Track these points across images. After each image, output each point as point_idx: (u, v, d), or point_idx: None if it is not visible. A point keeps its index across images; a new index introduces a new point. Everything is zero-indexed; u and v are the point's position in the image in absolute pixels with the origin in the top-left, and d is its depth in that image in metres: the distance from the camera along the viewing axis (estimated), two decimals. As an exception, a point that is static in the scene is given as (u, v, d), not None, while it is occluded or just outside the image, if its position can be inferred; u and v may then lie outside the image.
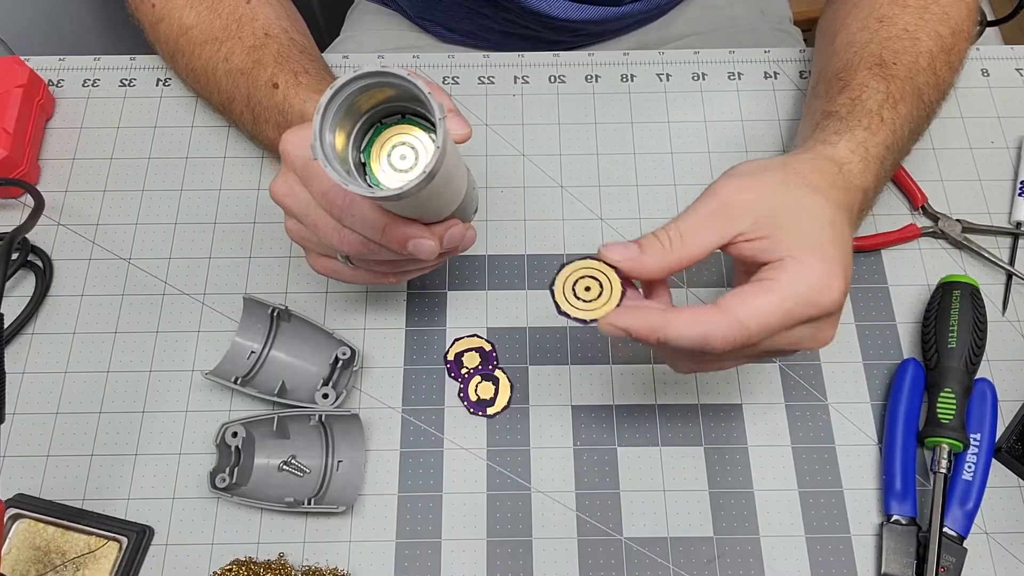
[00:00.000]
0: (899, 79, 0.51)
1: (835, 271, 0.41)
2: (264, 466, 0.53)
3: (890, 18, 0.55)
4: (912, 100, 0.51)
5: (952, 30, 0.54)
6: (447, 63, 0.67)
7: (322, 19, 1.11)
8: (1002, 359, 0.56)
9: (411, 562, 0.51)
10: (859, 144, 0.48)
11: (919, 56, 0.53)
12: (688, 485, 0.53)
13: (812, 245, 0.41)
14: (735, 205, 0.42)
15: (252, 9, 0.57)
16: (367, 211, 0.42)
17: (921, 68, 0.53)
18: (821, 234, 0.42)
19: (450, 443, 0.54)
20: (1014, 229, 0.60)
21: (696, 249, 0.42)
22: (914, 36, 0.54)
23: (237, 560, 0.50)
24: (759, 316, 0.40)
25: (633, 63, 0.67)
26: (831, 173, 0.45)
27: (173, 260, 0.59)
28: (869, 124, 0.49)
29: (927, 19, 0.54)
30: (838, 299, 0.41)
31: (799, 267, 0.41)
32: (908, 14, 0.55)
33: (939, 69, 0.53)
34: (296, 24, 0.60)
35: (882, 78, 0.52)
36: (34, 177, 0.61)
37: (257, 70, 0.55)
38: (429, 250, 0.42)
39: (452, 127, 0.42)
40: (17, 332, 0.56)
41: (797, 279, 0.41)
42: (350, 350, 0.53)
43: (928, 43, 0.53)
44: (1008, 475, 0.53)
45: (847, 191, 0.45)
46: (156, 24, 0.60)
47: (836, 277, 0.41)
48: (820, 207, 0.43)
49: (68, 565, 0.50)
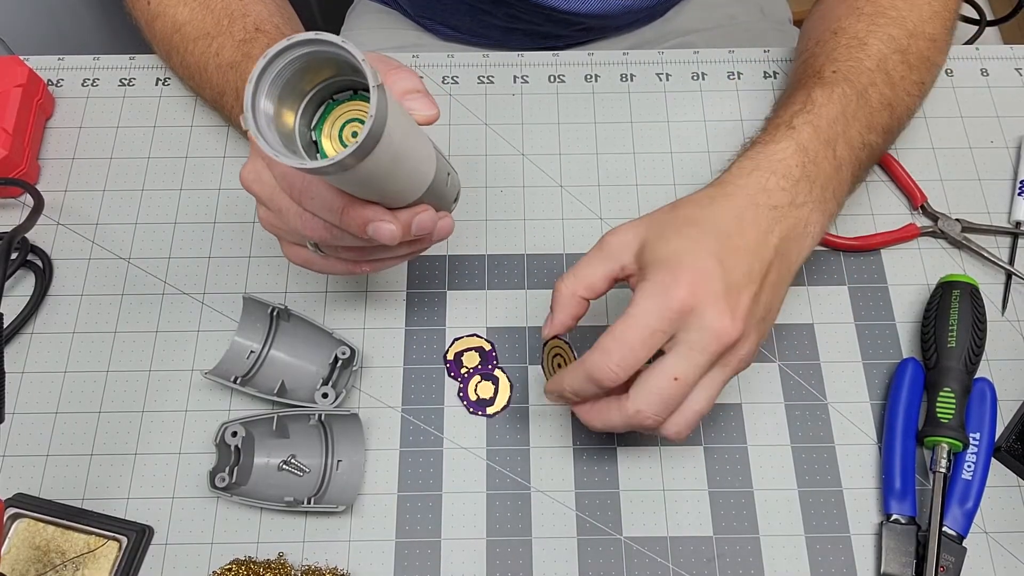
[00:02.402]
0: (830, 84, 0.51)
1: (677, 277, 0.43)
2: (264, 465, 0.53)
3: (843, 29, 0.56)
4: (849, 99, 0.51)
5: (909, 32, 0.55)
6: (447, 63, 0.67)
7: (321, 19, 1.11)
8: (1001, 359, 0.56)
9: (411, 562, 0.51)
10: (757, 154, 0.48)
11: (865, 59, 0.53)
12: (688, 485, 0.53)
13: (664, 261, 0.44)
14: (613, 244, 0.46)
15: (245, 5, 0.57)
16: (325, 193, 0.41)
17: (866, 69, 0.53)
18: (684, 247, 0.44)
19: (450, 443, 0.54)
20: (1014, 229, 0.60)
21: (585, 281, 0.46)
22: (863, 42, 0.54)
23: (237, 559, 0.50)
24: (616, 337, 0.43)
25: (633, 63, 0.67)
26: (713, 194, 0.47)
27: (173, 260, 0.59)
28: (773, 136, 0.49)
29: (880, 24, 0.55)
30: (682, 300, 0.42)
31: (645, 284, 0.43)
32: (861, 22, 0.55)
33: (892, 68, 0.53)
34: (290, 22, 0.60)
35: (808, 88, 0.52)
36: (33, 177, 0.61)
37: (246, 64, 0.55)
38: (390, 234, 0.42)
39: (417, 107, 0.41)
40: (17, 332, 0.56)
41: (642, 295, 0.43)
42: (350, 350, 0.53)
43: (878, 46, 0.54)
44: (1007, 475, 0.53)
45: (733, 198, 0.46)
46: (151, 21, 0.60)
47: (677, 282, 0.42)
48: (693, 225, 0.45)
49: (68, 565, 0.50)
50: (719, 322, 0.42)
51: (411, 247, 0.48)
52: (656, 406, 0.43)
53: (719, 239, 0.44)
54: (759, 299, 0.44)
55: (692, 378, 0.43)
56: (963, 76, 0.66)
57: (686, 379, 0.43)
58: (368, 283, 0.58)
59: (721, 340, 0.42)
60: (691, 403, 0.44)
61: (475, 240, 0.60)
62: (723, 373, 0.44)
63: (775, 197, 0.46)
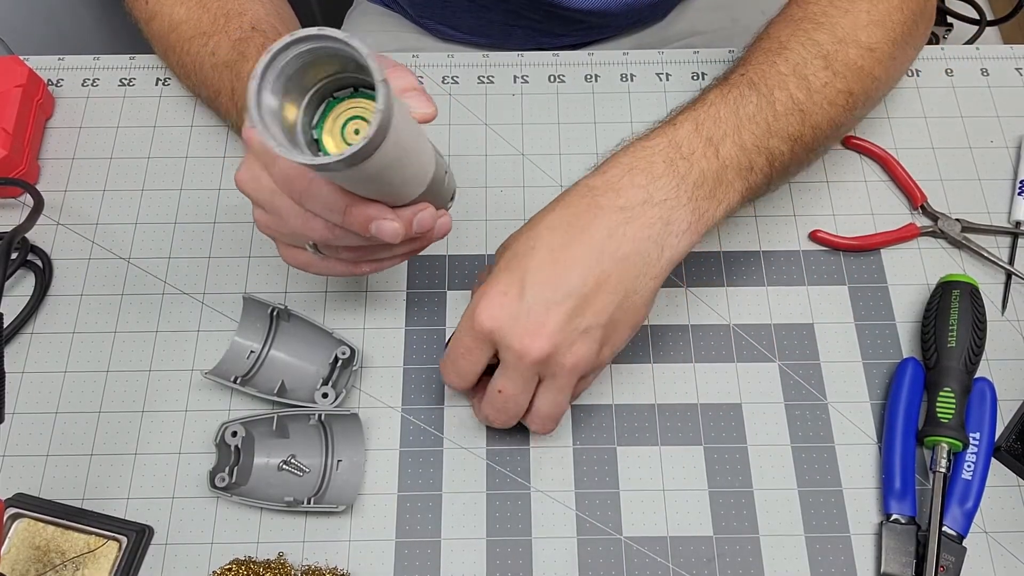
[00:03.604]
0: (729, 85, 0.50)
1: (480, 301, 0.45)
2: (264, 465, 0.53)
3: (768, 34, 0.54)
4: (746, 100, 0.49)
5: (838, 39, 0.52)
6: (447, 63, 0.67)
7: (321, 19, 1.11)
8: (1001, 358, 0.56)
9: (411, 561, 0.51)
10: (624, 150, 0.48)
11: (779, 63, 0.51)
12: (687, 484, 0.53)
13: (490, 277, 0.46)
14: (496, 257, 0.48)
15: (242, 4, 0.57)
16: (327, 192, 0.41)
17: (777, 73, 0.51)
18: (502, 264, 0.46)
19: (450, 443, 0.54)
20: (1013, 228, 0.60)
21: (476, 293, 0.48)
22: (783, 45, 0.52)
23: (237, 559, 0.50)
24: (448, 351, 0.48)
25: (633, 63, 0.67)
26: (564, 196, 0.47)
27: (173, 260, 0.59)
28: (649, 132, 0.49)
29: (804, 28, 0.53)
30: (481, 324, 0.44)
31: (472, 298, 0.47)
32: (787, 28, 0.54)
33: (812, 74, 0.51)
34: (287, 21, 0.60)
35: (707, 90, 0.51)
36: (33, 177, 0.61)
37: (241, 63, 0.55)
38: (393, 232, 0.42)
39: (415, 104, 0.42)
40: (17, 332, 0.56)
41: (465, 310, 0.47)
42: (350, 349, 0.53)
43: (798, 50, 0.52)
44: (1007, 474, 0.53)
45: (574, 200, 0.46)
46: (149, 21, 0.60)
47: (478, 306, 0.45)
48: (527, 235, 0.46)
49: (68, 564, 0.50)
50: (518, 343, 0.44)
51: (411, 245, 0.48)
52: (495, 414, 0.48)
53: (543, 252, 0.45)
54: (583, 311, 0.44)
55: (516, 390, 0.46)
56: (963, 76, 0.66)
57: (511, 392, 0.46)
58: (368, 283, 0.58)
59: (526, 359, 0.44)
60: (539, 407, 0.48)
61: (475, 240, 0.60)
62: (555, 382, 0.46)
63: (625, 195, 0.45)
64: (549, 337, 0.44)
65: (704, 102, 0.49)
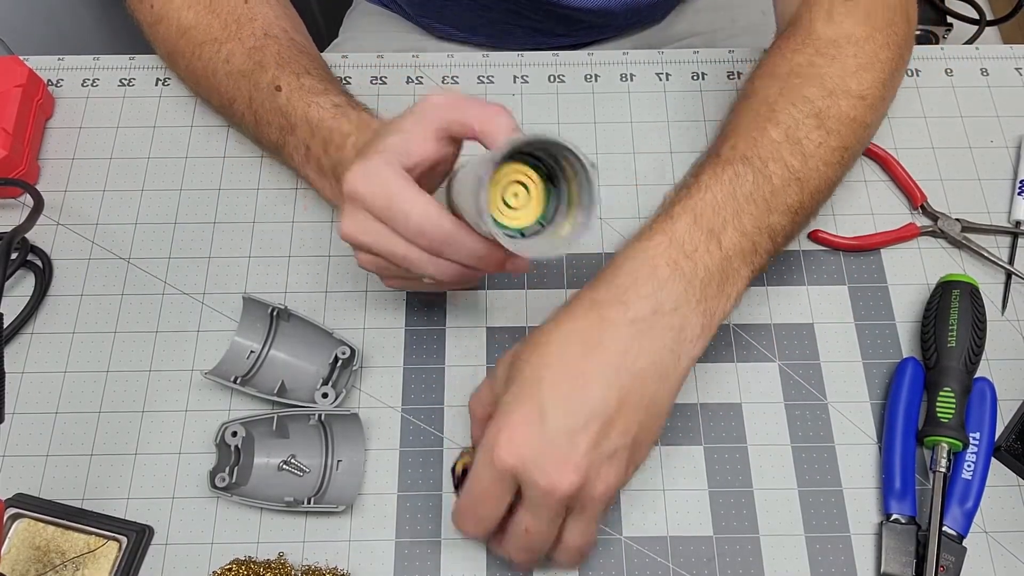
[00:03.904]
0: (724, 163, 0.48)
1: (499, 436, 0.42)
2: (264, 465, 0.53)
3: (755, 91, 0.51)
4: (743, 180, 0.47)
5: (828, 91, 0.50)
6: (446, 63, 0.67)
7: (321, 20, 1.11)
8: (1001, 358, 0.56)
9: (411, 562, 0.51)
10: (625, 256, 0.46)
11: (771, 128, 0.49)
12: (688, 484, 0.53)
13: (501, 407, 0.43)
14: (496, 373, 0.46)
15: (251, 9, 0.57)
16: (472, 242, 0.43)
17: (770, 141, 0.48)
18: (515, 392, 0.43)
19: (450, 443, 0.54)
20: (1013, 228, 0.60)
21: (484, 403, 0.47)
22: (772, 107, 0.49)
23: (237, 559, 0.50)
24: (464, 498, 0.45)
25: (632, 62, 0.67)
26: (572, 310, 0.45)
27: (172, 260, 0.59)
28: (649, 230, 0.46)
29: (793, 84, 0.50)
30: (503, 462, 0.41)
31: (485, 437, 0.43)
32: (775, 84, 0.51)
33: (805, 136, 0.49)
34: (295, 24, 0.60)
35: (701, 168, 0.48)
36: (33, 177, 0.61)
37: (258, 72, 0.55)
38: (525, 265, 0.46)
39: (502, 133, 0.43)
40: (16, 332, 0.56)
41: (480, 450, 0.43)
42: (350, 349, 0.53)
43: (788, 111, 0.49)
44: (1007, 474, 0.53)
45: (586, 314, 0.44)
46: (155, 25, 0.60)
47: (499, 442, 0.42)
48: (538, 355, 0.44)
49: (68, 565, 0.50)
50: (545, 480, 0.41)
51: None
52: (521, 553, 0.45)
53: (557, 374, 0.42)
54: (607, 434, 0.42)
55: (542, 528, 0.43)
56: (963, 76, 0.66)
57: (537, 530, 0.43)
58: (368, 283, 0.58)
59: (554, 495, 0.41)
60: (568, 541, 0.45)
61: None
62: (585, 514, 0.44)
63: (634, 308, 0.43)
64: (577, 469, 0.41)
65: (699, 187, 0.47)
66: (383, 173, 0.43)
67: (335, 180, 0.53)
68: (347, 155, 0.51)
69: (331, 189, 0.54)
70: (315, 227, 0.60)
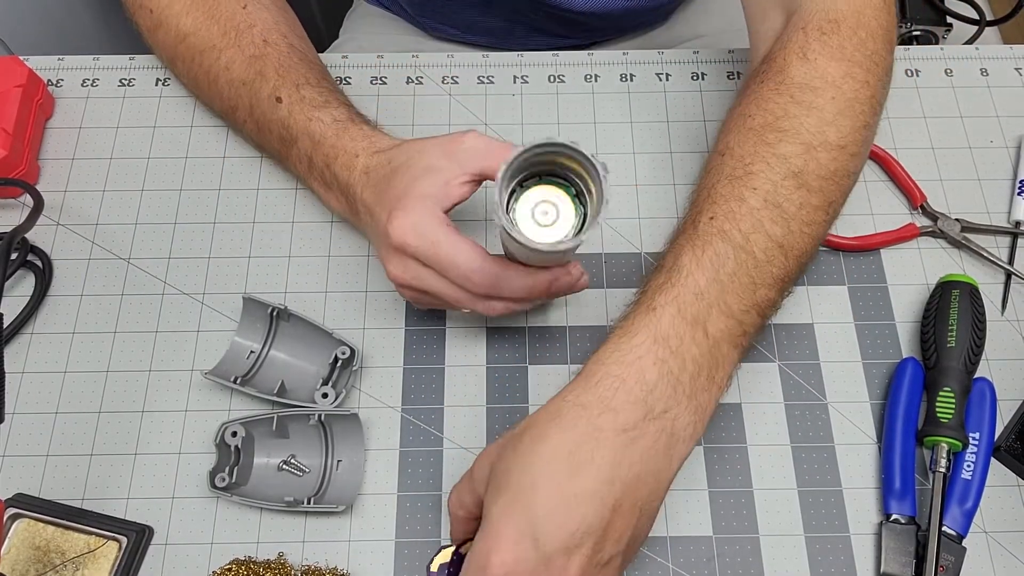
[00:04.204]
0: (703, 241, 0.45)
1: (490, 555, 0.39)
2: (263, 465, 0.53)
3: (730, 149, 0.48)
4: (724, 259, 0.45)
5: (806, 145, 0.47)
6: (446, 63, 0.67)
7: (322, 21, 1.11)
8: (1001, 358, 0.56)
9: (411, 562, 0.51)
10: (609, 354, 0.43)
11: (749, 196, 0.46)
12: (687, 484, 0.53)
13: (488, 519, 0.41)
14: (475, 471, 0.45)
15: (250, 15, 0.57)
16: (518, 280, 0.46)
17: (750, 210, 0.46)
18: (504, 505, 0.41)
19: (450, 443, 0.54)
20: (1013, 228, 0.60)
21: (462, 504, 0.45)
22: (748, 169, 0.47)
23: (236, 559, 0.50)
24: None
25: (632, 63, 0.67)
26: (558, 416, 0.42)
27: (172, 260, 0.59)
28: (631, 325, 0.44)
29: (769, 141, 0.47)
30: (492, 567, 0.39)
31: (473, 547, 0.41)
32: (749, 141, 0.48)
33: (785, 199, 0.46)
34: (294, 28, 0.60)
35: (679, 247, 0.46)
36: (33, 177, 0.61)
37: (259, 82, 0.55)
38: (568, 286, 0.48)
39: None
40: (16, 332, 0.56)
41: (469, 557, 0.41)
42: (349, 350, 0.53)
43: (766, 174, 0.46)
44: (1007, 474, 0.53)
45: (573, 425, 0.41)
46: (154, 30, 0.60)
47: (490, 562, 0.39)
48: (526, 465, 0.41)
49: (68, 565, 0.50)
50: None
51: None
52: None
53: (548, 492, 0.40)
54: (602, 547, 0.40)
55: None
56: (963, 76, 0.66)
57: None
58: (368, 283, 0.58)
59: None
60: None
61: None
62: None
63: (624, 415, 0.41)
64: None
65: (679, 271, 0.45)
66: (429, 224, 0.46)
67: (344, 198, 0.53)
68: (357, 179, 0.51)
69: (339, 204, 0.55)
70: (315, 227, 0.60)
